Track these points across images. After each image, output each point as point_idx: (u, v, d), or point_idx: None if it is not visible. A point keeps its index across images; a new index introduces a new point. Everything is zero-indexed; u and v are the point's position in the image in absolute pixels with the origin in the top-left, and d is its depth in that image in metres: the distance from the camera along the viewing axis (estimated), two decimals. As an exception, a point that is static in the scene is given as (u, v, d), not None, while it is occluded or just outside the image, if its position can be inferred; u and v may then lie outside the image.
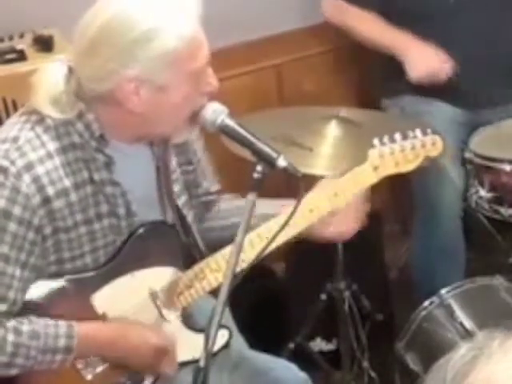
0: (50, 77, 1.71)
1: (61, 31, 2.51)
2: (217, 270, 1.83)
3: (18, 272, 1.67)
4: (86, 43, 1.63)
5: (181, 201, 1.91)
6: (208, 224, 2.04)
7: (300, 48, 3.18)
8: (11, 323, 1.67)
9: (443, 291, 2.46)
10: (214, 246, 1.88)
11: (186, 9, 1.63)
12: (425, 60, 2.69)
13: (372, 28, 2.83)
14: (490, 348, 1.02)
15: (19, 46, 2.47)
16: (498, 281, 2.50)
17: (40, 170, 1.66)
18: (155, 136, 1.79)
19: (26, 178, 1.64)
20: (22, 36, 2.56)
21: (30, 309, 1.72)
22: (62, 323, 1.71)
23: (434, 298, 2.46)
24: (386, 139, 1.87)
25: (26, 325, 1.68)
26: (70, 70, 1.70)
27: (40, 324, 1.70)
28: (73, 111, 1.68)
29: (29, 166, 1.65)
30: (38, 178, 1.65)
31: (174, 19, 1.61)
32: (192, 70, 1.65)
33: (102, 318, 1.78)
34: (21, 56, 2.42)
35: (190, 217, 1.94)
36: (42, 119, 1.70)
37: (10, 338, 1.66)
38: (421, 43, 2.71)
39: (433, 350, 2.40)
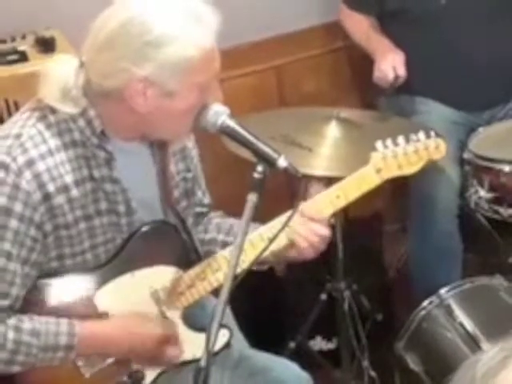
0: (62, 69, 1.72)
1: (63, 32, 2.51)
2: (218, 270, 1.84)
3: (19, 268, 1.68)
4: (102, 39, 1.64)
5: (180, 206, 1.93)
6: (200, 236, 2.03)
7: (300, 49, 3.19)
8: (12, 320, 1.68)
9: (442, 291, 2.46)
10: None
11: (207, 22, 1.65)
12: (380, 65, 2.75)
13: (363, 33, 2.93)
14: None
15: (21, 48, 2.48)
16: (498, 281, 2.50)
17: (41, 166, 1.67)
18: (154, 138, 1.80)
19: (27, 174, 1.66)
20: (24, 37, 2.56)
21: (32, 305, 1.74)
22: (63, 321, 1.73)
23: (434, 298, 2.45)
24: (388, 142, 1.88)
25: (27, 322, 1.69)
26: (81, 65, 1.71)
27: (41, 322, 1.71)
28: (76, 108, 1.69)
29: (30, 163, 1.67)
30: (39, 174, 1.67)
31: (195, 29, 1.63)
32: (202, 81, 1.67)
33: (104, 315, 1.79)
34: (23, 57, 2.42)
35: (189, 222, 1.96)
36: (44, 116, 1.71)
37: (11, 335, 1.67)
38: (389, 51, 2.77)
39: (432, 350, 2.41)
